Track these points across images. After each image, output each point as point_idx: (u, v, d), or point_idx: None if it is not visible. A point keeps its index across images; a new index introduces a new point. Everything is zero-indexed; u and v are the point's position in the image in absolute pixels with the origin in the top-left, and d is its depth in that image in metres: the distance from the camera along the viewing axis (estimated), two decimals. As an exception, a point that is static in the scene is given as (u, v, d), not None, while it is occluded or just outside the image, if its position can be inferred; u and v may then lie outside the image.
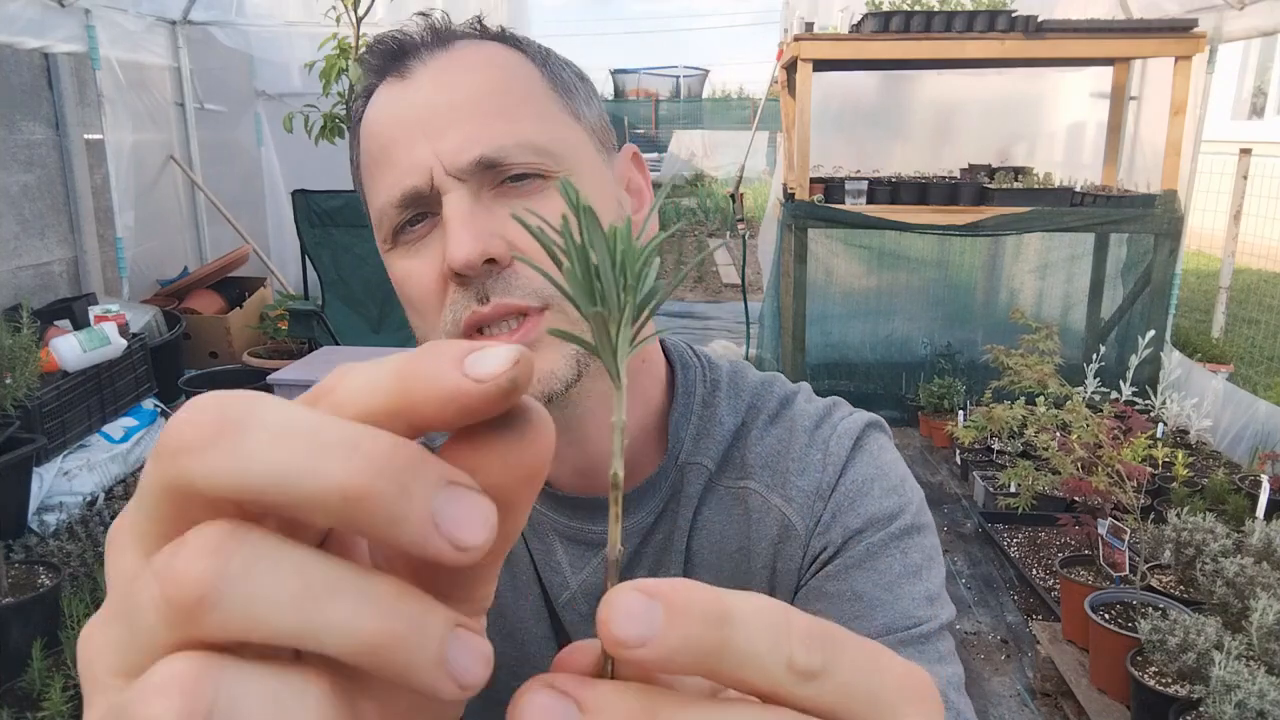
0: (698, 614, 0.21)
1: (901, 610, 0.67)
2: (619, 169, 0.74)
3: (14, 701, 2.49)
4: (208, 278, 5.65)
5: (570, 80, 0.70)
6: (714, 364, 0.81)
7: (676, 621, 0.21)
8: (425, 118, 0.64)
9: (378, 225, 0.68)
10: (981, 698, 2.76)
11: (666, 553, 0.75)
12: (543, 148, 0.64)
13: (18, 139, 4.73)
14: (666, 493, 0.74)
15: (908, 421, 5.04)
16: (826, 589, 0.70)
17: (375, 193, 0.67)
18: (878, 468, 0.74)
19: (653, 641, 0.21)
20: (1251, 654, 2.19)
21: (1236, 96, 12.12)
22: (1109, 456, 3.20)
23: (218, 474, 0.20)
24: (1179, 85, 4.55)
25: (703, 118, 19.92)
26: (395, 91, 0.66)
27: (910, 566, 0.69)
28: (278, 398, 0.22)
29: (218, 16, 5.68)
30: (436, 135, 0.63)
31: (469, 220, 0.62)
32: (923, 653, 0.66)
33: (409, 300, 0.68)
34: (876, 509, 0.71)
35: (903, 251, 5.41)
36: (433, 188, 0.63)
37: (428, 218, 0.66)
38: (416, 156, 0.63)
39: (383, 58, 0.68)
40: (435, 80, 0.65)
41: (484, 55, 0.67)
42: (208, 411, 0.21)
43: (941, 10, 4.66)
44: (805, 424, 0.76)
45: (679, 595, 0.22)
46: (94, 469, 3.93)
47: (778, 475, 0.74)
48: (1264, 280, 7.60)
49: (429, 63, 0.66)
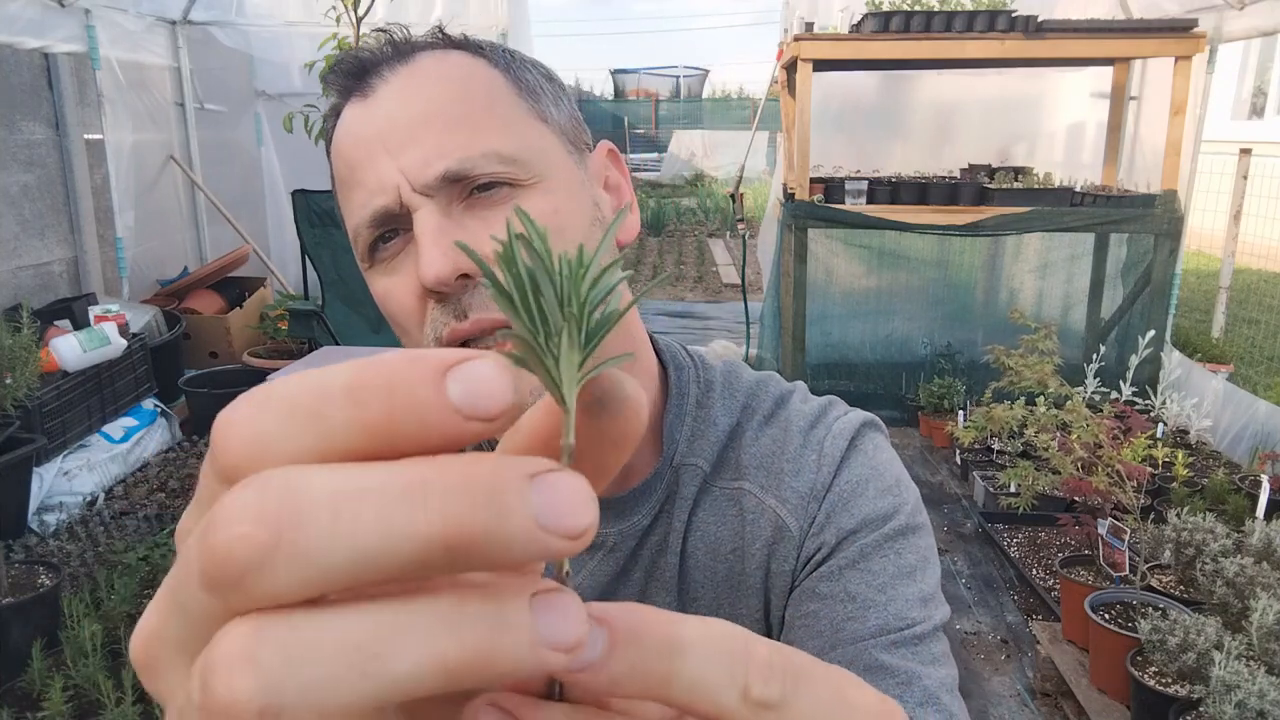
0: (644, 642, 0.21)
1: (895, 611, 0.66)
2: (595, 167, 0.73)
3: (14, 701, 2.49)
4: (208, 278, 5.65)
5: (535, 82, 0.69)
6: (708, 364, 0.81)
7: (621, 649, 0.21)
8: (388, 134, 0.63)
9: (354, 244, 0.68)
10: (981, 698, 2.76)
11: (662, 554, 0.75)
12: (509, 156, 0.64)
13: (18, 139, 4.73)
14: (662, 494, 0.74)
15: (908, 421, 5.04)
16: (820, 590, 0.69)
17: (349, 213, 0.67)
18: (872, 468, 0.74)
19: (594, 667, 0.21)
20: (1251, 654, 2.19)
21: (1236, 96, 12.12)
22: (1109, 456, 3.20)
23: (295, 583, 0.18)
24: (1179, 85, 4.55)
25: (703, 118, 19.94)
26: (359, 111, 0.66)
27: (904, 567, 0.69)
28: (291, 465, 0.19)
29: (218, 16, 5.68)
30: (400, 151, 0.63)
31: (438, 237, 0.61)
32: (916, 654, 0.66)
33: (392, 317, 0.69)
34: (871, 509, 0.71)
35: (903, 251, 5.41)
36: (402, 206, 0.63)
37: (399, 234, 0.65)
38: (383, 175, 0.63)
39: (345, 77, 0.67)
40: (396, 95, 0.65)
41: (445, 65, 0.66)
42: (246, 518, 0.18)
43: (941, 10, 4.66)
44: (800, 424, 0.76)
45: (626, 622, 0.21)
46: (94, 469, 3.93)
47: (772, 476, 0.74)
48: (1264, 280, 7.60)
49: (390, 79, 0.65)
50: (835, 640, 0.66)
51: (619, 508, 0.74)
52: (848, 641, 0.66)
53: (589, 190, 0.71)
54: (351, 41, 4.72)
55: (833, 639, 0.66)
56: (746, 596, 0.74)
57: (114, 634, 2.66)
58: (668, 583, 0.74)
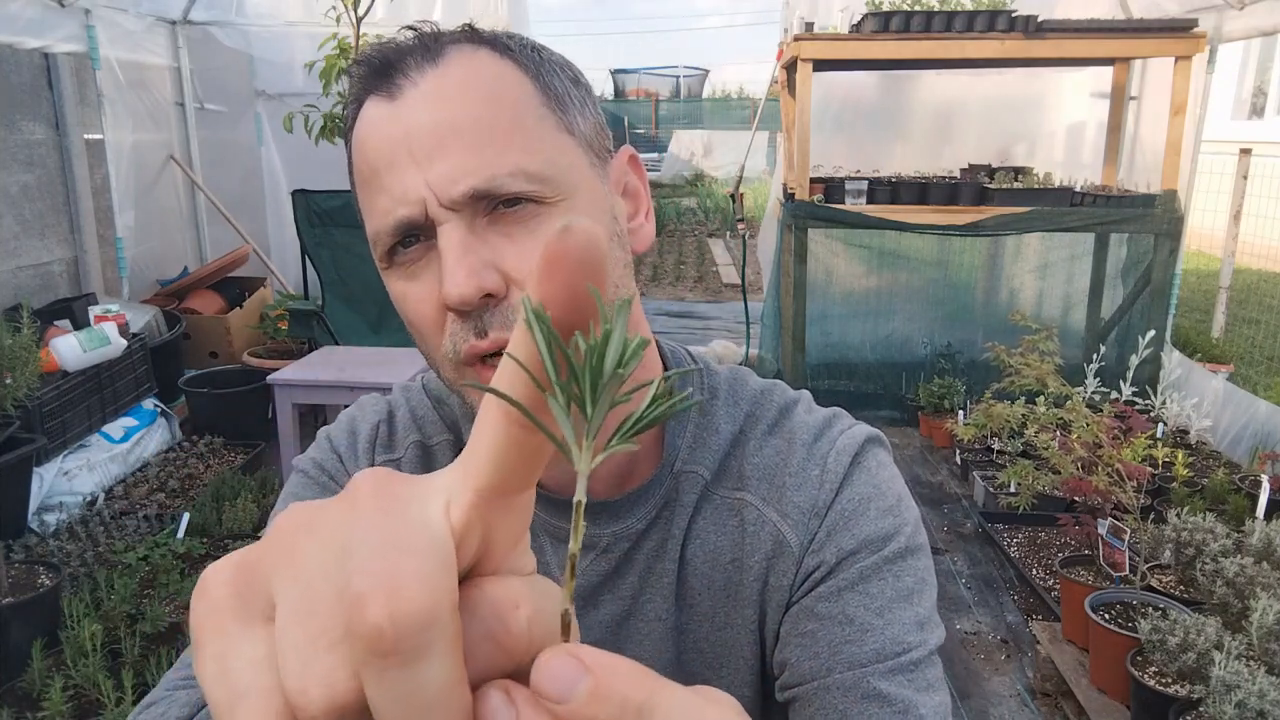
0: (617, 699, 0.23)
1: (892, 636, 0.67)
2: (615, 173, 0.73)
3: (14, 701, 2.49)
4: (208, 278, 5.65)
5: (564, 90, 0.68)
6: (712, 370, 0.80)
7: (594, 701, 0.23)
8: (414, 142, 0.63)
9: (373, 244, 0.67)
10: (981, 698, 2.76)
11: (660, 560, 0.75)
12: (536, 174, 0.63)
13: (18, 139, 4.73)
14: (660, 500, 0.74)
15: (908, 421, 5.04)
16: (818, 610, 0.70)
17: (369, 213, 0.67)
18: (874, 486, 0.73)
19: (570, 706, 0.23)
20: (1251, 654, 2.19)
21: (1236, 96, 12.12)
22: (1109, 456, 3.20)
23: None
24: (1179, 85, 4.55)
25: (703, 118, 19.91)
26: (383, 111, 0.65)
27: (902, 591, 0.69)
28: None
29: (218, 16, 5.68)
30: (427, 163, 0.62)
31: (463, 256, 0.61)
32: (912, 681, 0.66)
33: (408, 320, 0.68)
34: (871, 530, 0.71)
35: (903, 251, 5.41)
36: (427, 217, 0.63)
37: (421, 241, 0.65)
38: (408, 185, 0.63)
39: (370, 70, 0.66)
40: (424, 101, 0.64)
41: (473, 71, 0.65)
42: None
43: (941, 10, 4.66)
44: (804, 437, 0.76)
45: (608, 675, 0.23)
46: (94, 469, 3.93)
47: (774, 489, 0.74)
48: (1264, 280, 7.60)
49: (418, 81, 0.64)
50: (832, 663, 0.67)
51: (614, 510, 0.74)
52: (845, 666, 0.66)
53: (608, 202, 0.70)
54: (351, 41, 4.72)
55: (830, 661, 0.67)
56: (742, 607, 0.74)
57: (114, 634, 2.66)
58: (665, 588, 0.74)
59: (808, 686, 0.68)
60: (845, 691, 0.65)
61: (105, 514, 3.63)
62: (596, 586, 0.75)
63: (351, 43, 4.73)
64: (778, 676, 0.72)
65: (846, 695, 0.65)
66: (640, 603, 0.75)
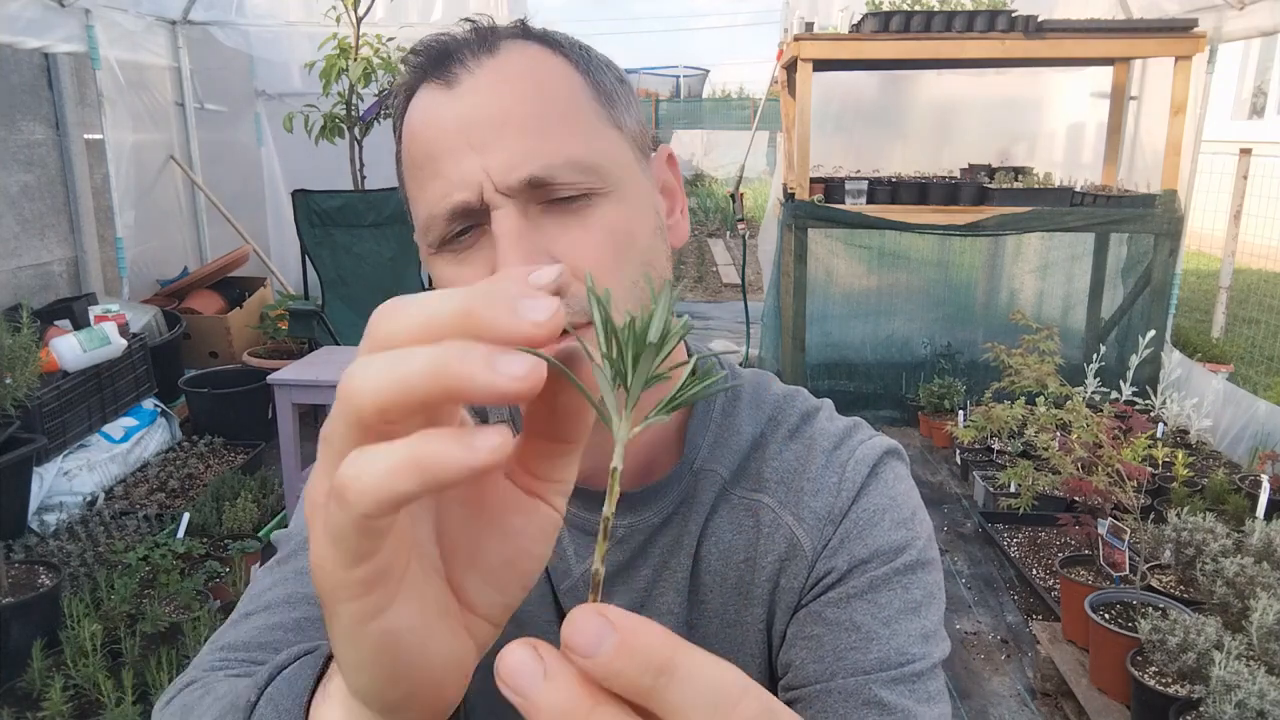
0: (640, 657, 0.25)
1: (897, 646, 0.68)
2: (656, 171, 0.75)
3: (14, 701, 2.49)
4: (208, 278, 5.65)
5: (612, 87, 0.70)
6: (737, 373, 0.81)
7: (620, 655, 0.25)
8: (472, 130, 0.64)
9: (424, 231, 0.68)
10: (981, 698, 2.76)
11: (675, 555, 0.75)
12: (589, 165, 0.65)
13: (18, 139, 4.73)
14: (678, 497, 0.75)
15: (908, 421, 5.04)
16: (825, 615, 0.71)
17: (420, 200, 0.67)
18: (890, 498, 0.74)
19: (596, 660, 0.25)
20: (1251, 654, 2.19)
21: (1236, 96, 12.12)
22: (1109, 456, 3.20)
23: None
24: (1179, 85, 4.55)
25: (703, 118, 19.89)
26: (440, 97, 0.66)
27: (910, 603, 0.70)
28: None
29: (218, 16, 5.68)
30: (484, 150, 0.63)
31: (518, 241, 0.63)
32: (914, 692, 0.67)
33: None
34: (884, 541, 0.72)
35: (903, 251, 5.41)
36: (482, 202, 0.64)
37: (475, 228, 0.66)
38: (465, 170, 0.64)
39: (428, 58, 0.67)
40: (483, 89, 0.65)
41: (529, 63, 0.67)
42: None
43: (941, 10, 4.66)
44: (824, 444, 0.77)
45: (634, 633, 0.25)
46: (94, 469, 3.93)
47: (792, 493, 0.75)
48: (1264, 280, 7.59)
49: (475, 70, 0.65)
50: (836, 668, 0.68)
51: (632, 502, 0.75)
52: (848, 672, 0.67)
53: (652, 196, 0.72)
54: (351, 41, 4.72)
55: (834, 666, 0.68)
56: (752, 606, 0.75)
57: (114, 634, 2.66)
58: (678, 583, 0.75)
59: (810, 689, 0.68)
60: (846, 697, 0.66)
61: (105, 514, 3.63)
62: (610, 576, 0.76)
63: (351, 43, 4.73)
64: (781, 677, 0.73)
65: (847, 701, 0.66)
66: (653, 595, 0.76)
